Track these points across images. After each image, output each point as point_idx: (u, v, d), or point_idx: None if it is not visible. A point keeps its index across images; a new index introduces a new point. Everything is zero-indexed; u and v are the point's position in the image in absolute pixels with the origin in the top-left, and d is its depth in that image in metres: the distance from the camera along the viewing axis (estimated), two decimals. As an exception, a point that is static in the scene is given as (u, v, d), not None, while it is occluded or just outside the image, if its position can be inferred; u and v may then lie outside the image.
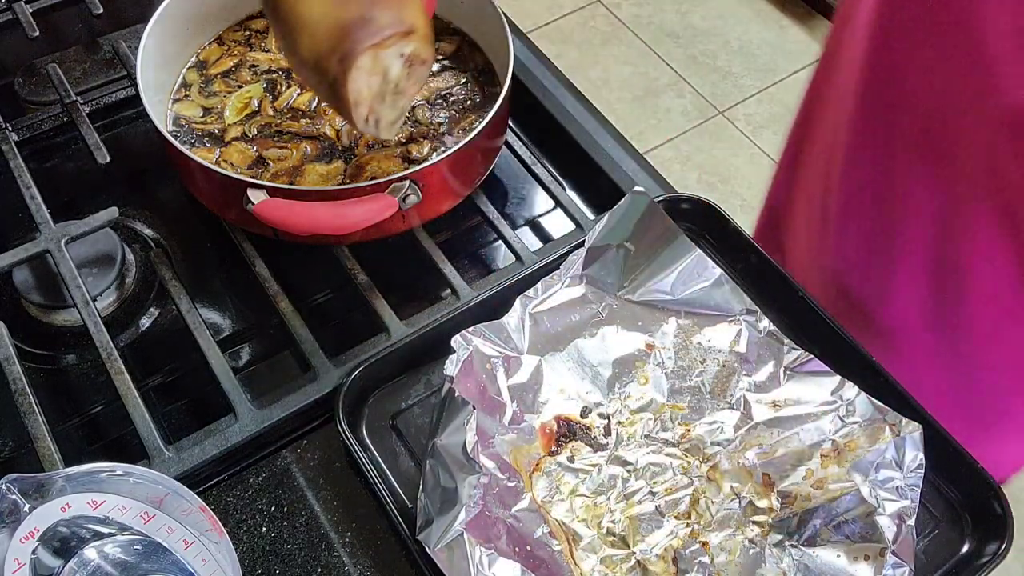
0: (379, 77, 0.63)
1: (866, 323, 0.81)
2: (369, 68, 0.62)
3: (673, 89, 2.40)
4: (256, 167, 0.75)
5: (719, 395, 0.65)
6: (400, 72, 0.64)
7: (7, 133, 0.80)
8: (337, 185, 0.73)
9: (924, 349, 0.81)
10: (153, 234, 0.79)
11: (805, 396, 0.64)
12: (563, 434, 0.64)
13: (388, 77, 0.63)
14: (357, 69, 0.61)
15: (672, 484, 0.62)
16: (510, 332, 0.65)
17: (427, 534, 0.56)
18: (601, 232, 0.68)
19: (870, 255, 0.80)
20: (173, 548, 0.50)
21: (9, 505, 0.48)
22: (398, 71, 0.64)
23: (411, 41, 0.63)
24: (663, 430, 0.65)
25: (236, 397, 0.65)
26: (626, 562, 0.59)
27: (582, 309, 0.67)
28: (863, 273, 0.82)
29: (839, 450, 0.61)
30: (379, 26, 0.61)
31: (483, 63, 0.83)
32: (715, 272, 0.68)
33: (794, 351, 0.65)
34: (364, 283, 0.72)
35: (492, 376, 0.63)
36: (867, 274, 0.81)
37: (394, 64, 0.63)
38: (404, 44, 0.62)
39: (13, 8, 0.86)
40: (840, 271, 0.84)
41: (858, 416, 0.62)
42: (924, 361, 0.81)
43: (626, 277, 0.69)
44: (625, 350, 0.67)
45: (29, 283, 0.72)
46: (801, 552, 0.59)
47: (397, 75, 0.64)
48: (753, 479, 0.62)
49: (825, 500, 0.59)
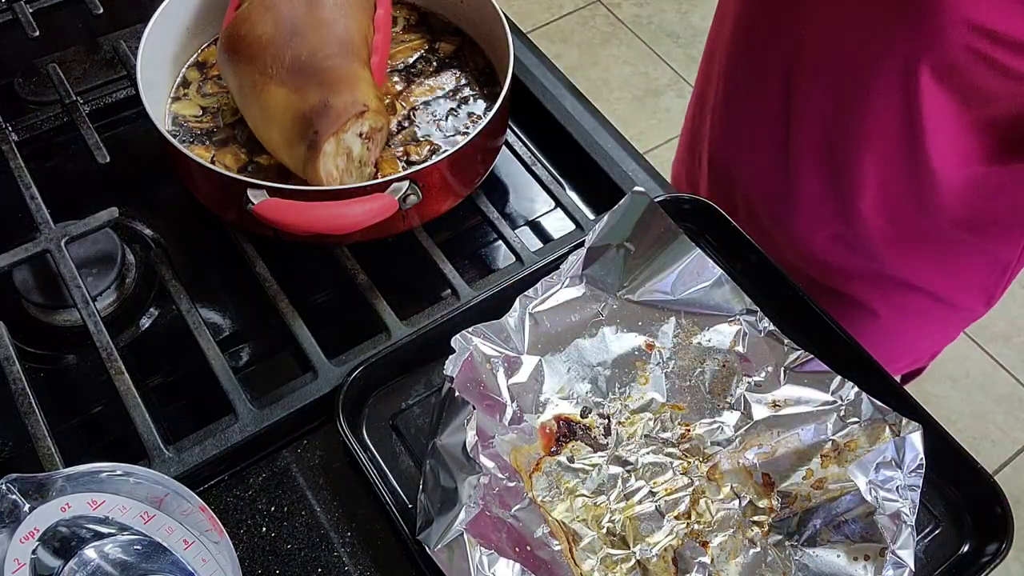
0: (344, 156, 0.69)
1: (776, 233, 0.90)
2: (334, 152, 0.68)
3: (673, 89, 2.40)
4: (246, 170, 0.75)
5: (719, 395, 0.65)
6: (361, 148, 0.70)
7: (7, 133, 0.80)
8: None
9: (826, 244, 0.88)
10: (153, 234, 0.79)
11: (805, 396, 0.64)
12: (563, 434, 0.64)
13: (352, 155, 0.70)
14: (324, 155, 0.68)
15: (672, 484, 0.62)
16: (510, 332, 0.65)
17: (427, 534, 0.56)
18: (601, 232, 0.68)
19: (774, 167, 0.87)
20: (173, 548, 0.50)
21: (9, 505, 0.48)
22: (359, 149, 0.70)
23: (366, 119, 0.69)
24: (663, 430, 0.65)
25: (236, 397, 0.65)
26: (626, 562, 0.59)
27: (582, 309, 0.67)
28: (768, 181, 0.89)
29: (839, 450, 0.61)
30: (337, 112, 0.68)
31: (483, 63, 0.83)
32: (715, 272, 0.68)
33: (794, 351, 0.65)
34: (364, 283, 0.72)
35: (492, 376, 0.63)
36: (774, 182, 0.88)
37: (355, 143, 0.70)
38: (361, 123, 0.69)
39: (13, 8, 0.86)
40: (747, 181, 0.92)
41: (858, 416, 0.62)
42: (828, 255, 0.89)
43: (626, 277, 0.69)
44: (625, 350, 0.67)
45: (29, 283, 0.72)
46: (801, 552, 0.59)
47: (359, 152, 0.70)
48: (753, 479, 0.62)
49: (825, 500, 0.59)
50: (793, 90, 0.81)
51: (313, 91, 0.68)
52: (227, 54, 0.73)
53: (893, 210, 0.82)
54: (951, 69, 0.69)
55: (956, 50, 0.67)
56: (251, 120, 0.73)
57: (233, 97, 0.75)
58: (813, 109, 0.80)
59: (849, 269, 0.89)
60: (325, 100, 0.68)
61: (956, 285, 0.89)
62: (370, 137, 0.70)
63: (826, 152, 0.81)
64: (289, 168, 0.72)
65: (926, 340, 1.00)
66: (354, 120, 0.68)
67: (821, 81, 0.78)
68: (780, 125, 0.84)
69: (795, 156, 0.84)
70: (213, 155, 0.75)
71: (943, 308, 0.92)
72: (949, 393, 1.89)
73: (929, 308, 0.91)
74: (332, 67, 0.70)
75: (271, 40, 0.71)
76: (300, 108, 0.68)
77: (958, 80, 0.69)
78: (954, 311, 0.93)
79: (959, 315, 0.94)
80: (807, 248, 0.90)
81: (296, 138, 0.68)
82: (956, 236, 0.82)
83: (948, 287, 0.89)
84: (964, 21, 0.65)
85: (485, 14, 0.81)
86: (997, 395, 1.89)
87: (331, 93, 0.68)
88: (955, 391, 1.88)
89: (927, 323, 0.95)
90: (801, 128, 0.82)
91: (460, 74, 0.82)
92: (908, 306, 0.91)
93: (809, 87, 0.79)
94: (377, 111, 0.70)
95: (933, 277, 0.88)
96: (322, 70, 0.69)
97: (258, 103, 0.71)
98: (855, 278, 0.90)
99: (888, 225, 0.83)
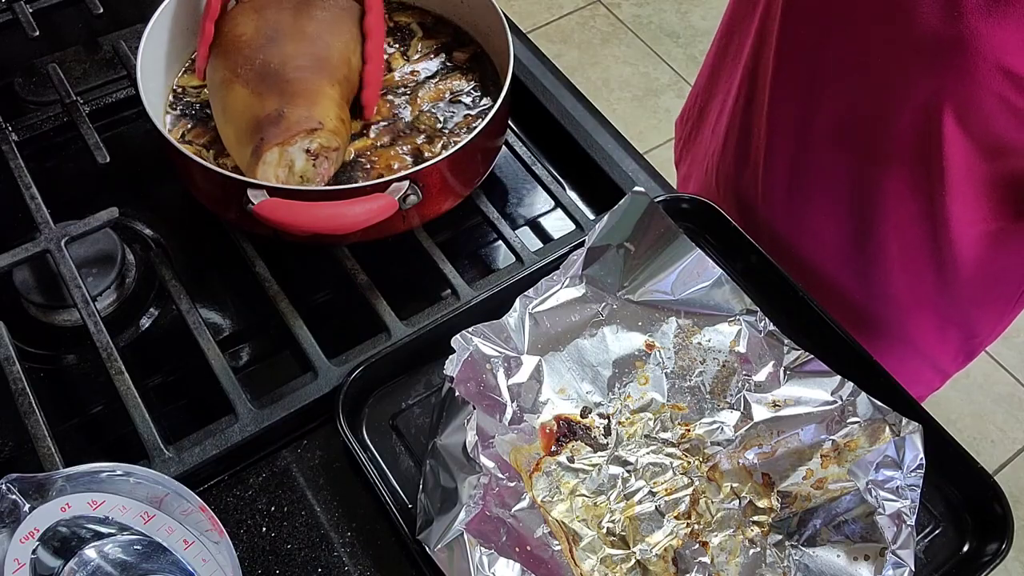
0: (286, 169, 0.69)
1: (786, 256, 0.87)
2: (276, 162, 0.69)
3: (673, 89, 2.40)
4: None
5: (719, 395, 0.65)
6: (304, 164, 0.70)
7: (7, 133, 0.80)
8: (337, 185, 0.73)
9: (837, 279, 0.86)
10: (153, 234, 0.79)
11: (805, 396, 0.64)
12: (563, 434, 0.64)
13: (293, 169, 0.70)
14: (264, 164, 0.68)
15: (672, 484, 0.62)
16: (510, 332, 0.65)
17: (427, 534, 0.56)
18: (601, 232, 0.68)
19: (790, 192, 0.85)
20: (173, 548, 0.50)
21: (9, 505, 0.48)
22: (302, 164, 0.70)
23: (316, 137, 0.69)
24: (663, 430, 0.65)
25: (236, 397, 0.65)
26: (626, 562, 0.59)
27: (582, 309, 0.67)
28: (784, 209, 0.87)
29: (839, 450, 0.61)
30: (287, 124, 0.68)
31: (483, 63, 0.83)
32: (715, 272, 0.68)
33: (794, 351, 0.65)
34: (364, 283, 0.72)
35: (492, 376, 0.63)
36: (788, 210, 0.86)
37: (299, 157, 0.69)
38: (309, 140, 0.69)
39: (13, 8, 0.86)
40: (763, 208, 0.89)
41: (858, 416, 0.62)
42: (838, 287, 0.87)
43: (626, 277, 0.69)
44: (625, 350, 0.67)
45: (29, 283, 0.72)
46: (801, 552, 0.59)
47: (301, 167, 0.70)
48: (753, 479, 0.62)
49: (825, 500, 0.59)
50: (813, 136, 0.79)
51: (273, 99, 0.69)
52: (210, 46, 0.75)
53: (911, 262, 0.80)
54: (976, 115, 0.67)
55: (984, 96, 0.65)
56: (215, 114, 0.74)
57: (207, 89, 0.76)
58: (832, 160, 0.79)
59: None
60: (280, 110, 0.69)
61: (943, 350, 0.90)
62: (318, 155, 0.70)
63: (854, 204, 0.80)
64: (239, 167, 0.72)
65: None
66: (304, 135, 0.68)
67: (844, 118, 0.76)
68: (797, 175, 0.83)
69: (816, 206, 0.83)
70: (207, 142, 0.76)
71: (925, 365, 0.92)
72: (949, 393, 1.88)
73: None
74: (298, 79, 0.71)
75: (248, 42, 0.72)
76: (256, 112, 0.69)
77: (982, 127, 0.67)
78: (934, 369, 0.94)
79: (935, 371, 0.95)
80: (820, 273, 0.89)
81: (246, 140, 0.69)
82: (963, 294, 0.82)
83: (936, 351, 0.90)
84: (999, 67, 0.62)
85: (485, 14, 0.81)
86: (997, 395, 1.89)
87: (288, 104, 0.69)
88: (955, 391, 1.88)
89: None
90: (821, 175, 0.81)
91: (460, 74, 0.82)
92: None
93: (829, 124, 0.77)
94: (333, 131, 0.70)
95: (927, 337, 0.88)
96: (287, 80, 0.70)
97: (222, 99, 0.72)
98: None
99: (905, 280, 0.82)
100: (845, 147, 0.77)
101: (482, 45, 0.83)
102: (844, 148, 0.77)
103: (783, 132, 0.82)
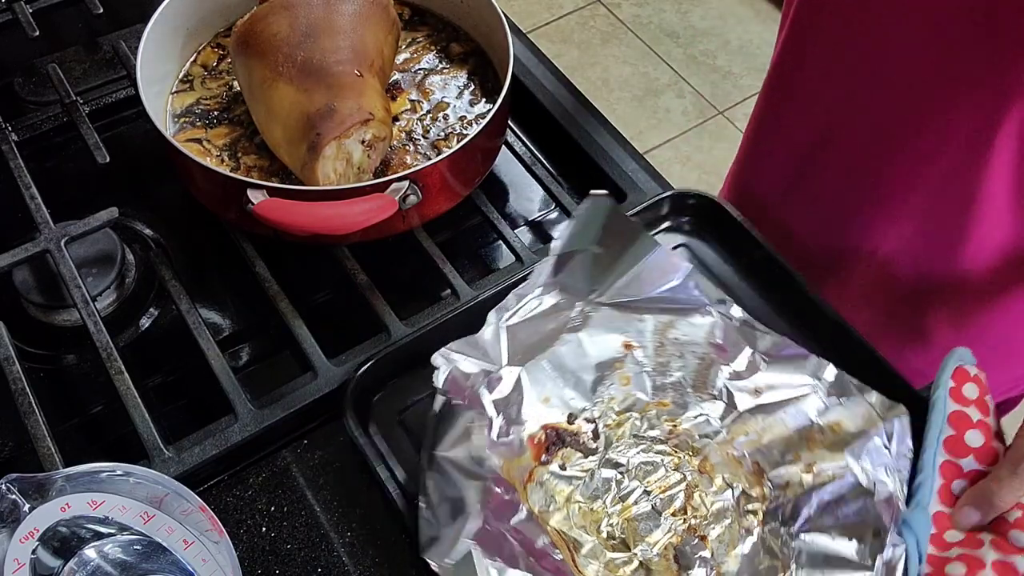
0: (344, 161, 0.70)
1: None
2: (334, 155, 0.69)
3: (673, 89, 2.40)
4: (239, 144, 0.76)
5: (701, 388, 0.65)
6: (361, 155, 0.71)
7: (7, 133, 0.80)
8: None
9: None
10: (153, 234, 0.79)
11: (785, 380, 0.64)
12: (552, 442, 0.63)
13: (351, 161, 0.70)
14: (324, 158, 0.68)
15: (665, 481, 0.62)
16: (486, 347, 0.63)
17: (432, 551, 0.55)
18: (567, 239, 0.67)
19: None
20: (173, 548, 0.50)
21: (9, 505, 0.48)
22: (359, 155, 0.71)
23: (369, 127, 0.69)
24: (651, 428, 0.64)
25: (236, 397, 0.65)
26: (629, 564, 0.59)
27: (556, 316, 0.66)
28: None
29: (824, 432, 0.61)
30: (341, 117, 0.68)
31: (483, 63, 0.83)
32: (683, 265, 0.67)
33: (768, 336, 0.65)
34: (364, 283, 0.72)
35: (475, 392, 0.62)
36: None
37: (356, 149, 0.70)
38: (364, 131, 0.69)
39: (13, 8, 0.86)
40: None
41: (840, 396, 0.62)
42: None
43: (596, 280, 0.67)
44: (604, 353, 0.66)
45: (29, 283, 0.72)
46: (797, 538, 0.58)
47: (359, 159, 0.71)
48: (743, 468, 0.62)
49: (817, 484, 0.59)
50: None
51: (320, 94, 0.69)
52: (240, 48, 0.73)
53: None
54: None
55: None
56: (256, 116, 0.74)
57: (242, 93, 0.76)
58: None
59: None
60: (331, 104, 0.68)
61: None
62: (371, 145, 0.71)
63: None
64: (289, 167, 0.72)
65: None
66: (358, 127, 0.68)
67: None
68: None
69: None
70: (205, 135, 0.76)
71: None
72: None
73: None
74: (342, 72, 0.70)
75: (285, 39, 0.71)
76: (306, 109, 0.69)
77: None
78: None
79: None
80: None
81: (298, 138, 0.69)
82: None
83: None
84: None
85: (485, 14, 0.81)
86: (997, 395, 1.89)
87: (337, 98, 0.69)
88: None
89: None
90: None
91: (460, 73, 0.82)
92: None
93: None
94: (382, 121, 0.70)
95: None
96: (331, 74, 0.70)
97: (265, 100, 0.71)
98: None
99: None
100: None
101: (482, 45, 0.84)
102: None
103: None
